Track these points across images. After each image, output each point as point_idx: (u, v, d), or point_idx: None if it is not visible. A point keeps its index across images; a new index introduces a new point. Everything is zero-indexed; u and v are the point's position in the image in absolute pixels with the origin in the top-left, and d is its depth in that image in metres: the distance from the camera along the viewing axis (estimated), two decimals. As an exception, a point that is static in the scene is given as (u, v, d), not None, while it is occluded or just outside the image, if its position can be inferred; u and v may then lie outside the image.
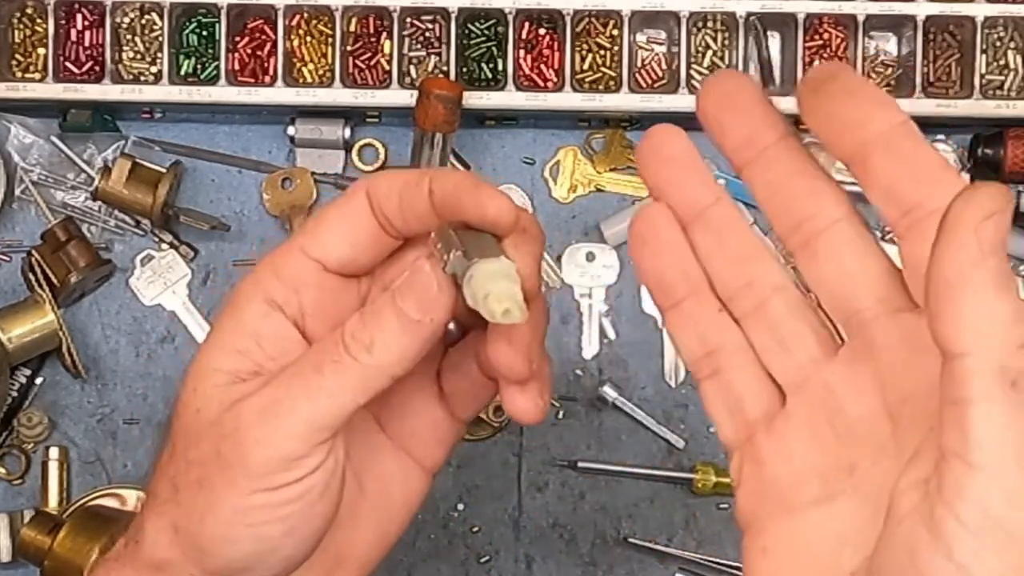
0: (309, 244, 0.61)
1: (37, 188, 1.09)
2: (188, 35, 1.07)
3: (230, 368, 0.60)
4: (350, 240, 0.61)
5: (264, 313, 0.60)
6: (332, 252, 0.61)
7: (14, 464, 1.09)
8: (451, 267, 0.57)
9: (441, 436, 0.66)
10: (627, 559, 1.09)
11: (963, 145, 1.10)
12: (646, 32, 1.08)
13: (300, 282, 0.60)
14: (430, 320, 0.58)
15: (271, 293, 0.60)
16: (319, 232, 0.61)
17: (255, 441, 0.58)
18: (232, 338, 0.60)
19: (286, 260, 0.61)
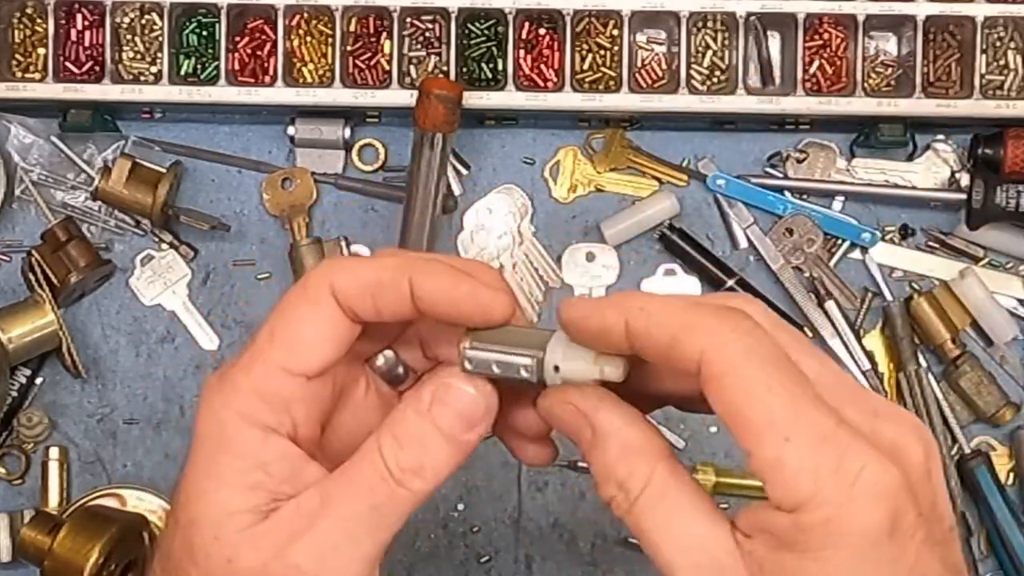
0: (289, 360, 0.58)
1: (37, 188, 1.09)
2: (188, 35, 1.07)
3: (248, 507, 0.57)
4: (329, 345, 0.58)
5: (261, 440, 0.58)
6: (315, 361, 0.58)
7: (14, 464, 1.09)
8: (500, 369, 0.57)
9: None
10: (627, 559, 1.09)
11: (963, 145, 1.10)
12: (646, 32, 1.08)
13: (289, 400, 0.58)
14: (478, 436, 0.58)
15: (263, 420, 0.58)
16: (295, 346, 0.58)
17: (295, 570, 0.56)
18: (238, 476, 0.57)
19: (269, 383, 0.58)
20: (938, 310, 1.08)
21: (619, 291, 1.10)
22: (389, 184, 1.10)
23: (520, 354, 0.57)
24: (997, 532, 1.07)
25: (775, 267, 1.09)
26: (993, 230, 1.08)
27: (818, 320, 1.09)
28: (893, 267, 1.11)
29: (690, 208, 1.10)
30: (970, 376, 1.08)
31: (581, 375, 0.57)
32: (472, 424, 0.58)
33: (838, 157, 1.10)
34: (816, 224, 1.09)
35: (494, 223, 1.10)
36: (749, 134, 1.10)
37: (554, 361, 0.57)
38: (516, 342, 0.58)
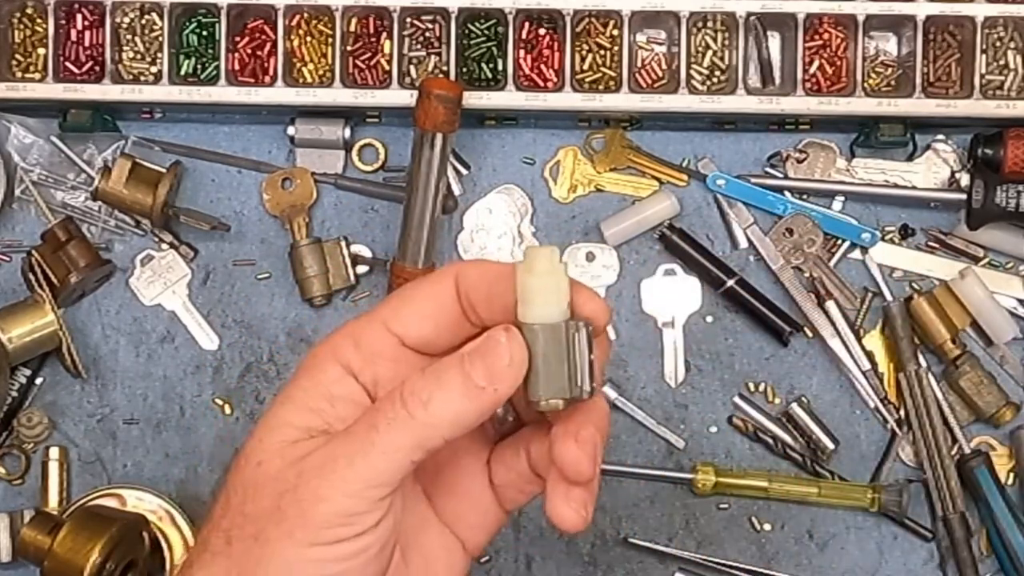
0: (392, 319, 0.62)
1: (37, 188, 1.09)
2: (188, 35, 1.07)
3: (301, 424, 0.61)
4: (433, 321, 0.62)
5: (339, 377, 0.62)
6: (413, 330, 0.62)
7: (14, 464, 1.09)
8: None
9: (486, 522, 0.67)
10: (627, 559, 1.09)
11: (963, 145, 1.10)
12: (646, 32, 1.08)
13: (378, 354, 0.62)
14: (494, 390, 0.59)
15: (348, 360, 0.62)
16: (403, 309, 0.62)
17: (315, 497, 0.58)
18: (306, 396, 0.61)
19: (367, 331, 0.62)
20: (938, 310, 1.08)
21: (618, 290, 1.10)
22: (389, 184, 1.10)
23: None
24: (997, 532, 1.07)
25: (775, 267, 1.09)
26: (993, 230, 1.08)
27: (818, 320, 1.09)
28: (893, 267, 1.11)
29: (690, 208, 1.10)
30: (970, 376, 1.08)
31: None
32: (491, 375, 0.59)
33: (838, 157, 1.10)
34: (816, 224, 1.09)
35: (494, 223, 1.10)
36: (749, 134, 1.10)
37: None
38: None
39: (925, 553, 1.10)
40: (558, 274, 0.59)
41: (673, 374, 1.10)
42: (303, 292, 1.08)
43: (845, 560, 1.10)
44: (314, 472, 0.59)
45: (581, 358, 0.59)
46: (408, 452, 0.58)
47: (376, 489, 0.58)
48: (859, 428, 1.10)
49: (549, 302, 0.59)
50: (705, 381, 1.10)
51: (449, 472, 0.66)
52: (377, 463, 0.58)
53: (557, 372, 0.59)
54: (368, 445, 0.59)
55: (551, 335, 0.59)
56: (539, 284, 0.59)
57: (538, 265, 0.59)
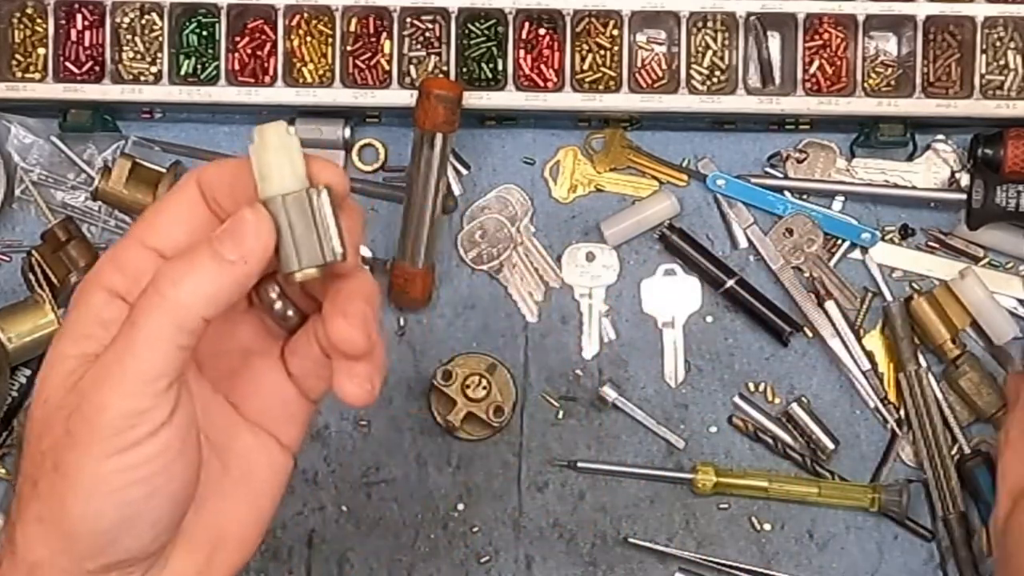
0: (146, 234, 0.63)
1: (37, 188, 1.09)
2: (188, 35, 1.07)
3: (77, 352, 0.61)
4: (184, 226, 0.63)
5: (107, 301, 0.62)
6: (168, 239, 0.63)
7: (14, 464, 1.09)
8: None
9: (293, 413, 0.68)
10: (627, 559, 1.09)
11: (963, 145, 1.10)
12: (646, 32, 1.08)
13: (139, 271, 0.62)
14: (244, 262, 0.60)
15: (112, 284, 0.62)
16: (155, 222, 0.63)
17: (96, 407, 0.59)
18: (78, 326, 0.62)
19: (125, 251, 0.63)
20: (938, 310, 1.08)
21: (619, 290, 1.10)
22: (389, 184, 1.10)
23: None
24: (997, 532, 1.07)
25: (775, 267, 1.09)
26: (993, 230, 1.08)
27: (818, 320, 1.09)
28: (893, 267, 1.11)
29: (690, 208, 1.10)
30: (970, 376, 1.08)
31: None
32: (239, 248, 0.59)
33: (838, 157, 1.10)
34: (816, 224, 1.09)
35: (494, 223, 1.10)
36: (749, 134, 1.10)
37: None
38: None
39: (925, 553, 1.10)
40: (290, 147, 0.61)
41: (673, 374, 1.10)
42: (303, 292, 1.08)
43: (845, 560, 1.10)
44: (91, 386, 0.59)
45: (326, 222, 0.60)
46: (171, 337, 0.59)
47: (152, 383, 0.59)
48: (859, 428, 1.10)
49: (284, 174, 0.60)
50: (705, 381, 1.10)
51: (244, 375, 0.67)
52: (144, 355, 0.59)
53: (306, 240, 0.60)
54: (131, 342, 0.59)
55: (293, 204, 0.60)
56: (272, 158, 0.61)
57: (268, 140, 0.61)
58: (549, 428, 1.10)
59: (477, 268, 1.10)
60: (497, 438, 1.09)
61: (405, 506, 1.10)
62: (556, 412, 1.10)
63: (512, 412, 1.09)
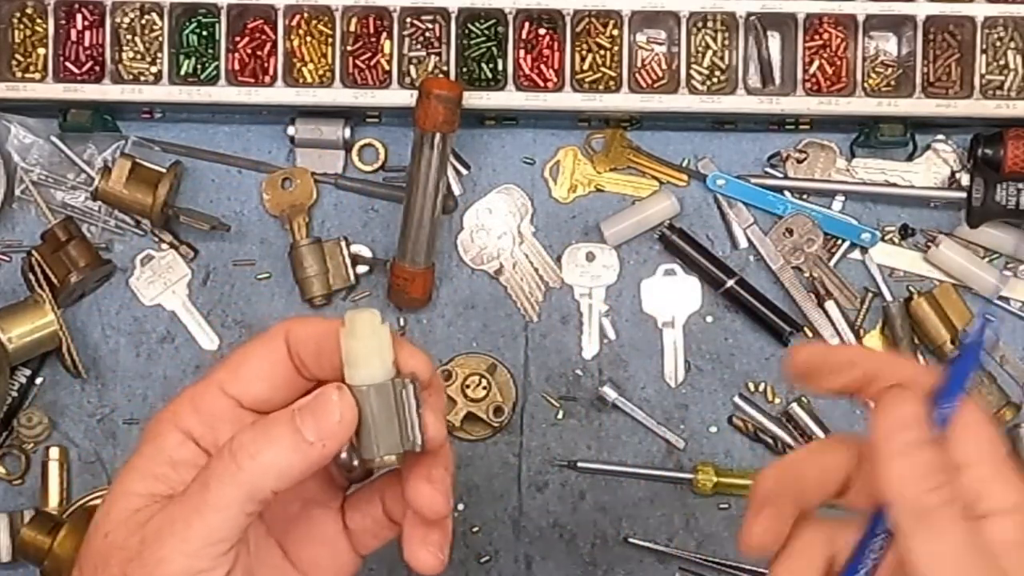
0: (228, 382, 0.63)
1: (37, 188, 1.09)
2: (188, 35, 1.07)
3: (144, 491, 0.61)
4: (267, 381, 0.63)
5: (180, 442, 0.62)
6: (249, 390, 0.63)
7: (14, 464, 1.09)
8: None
9: (342, 567, 0.68)
10: (627, 559, 1.09)
11: (963, 145, 1.10)
12: (646, 32, 1.08)
13: (216, 417, 0.63)
14: (322, 445, 0.60)
15: (188, 426, 0.63)
16: (238, 371, 0.63)
17: (157, 560, 0.59)
18: (149, 464, 0.63)
19: (204, 395, 0.63)
20: (938, 310, 1.08)
21: (619, 290, 1.10)
22: (389, 184, 1.10)
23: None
24: (997, 532, 1.07)
25: (775, 267, 1.09)
26: (993, 230, 1.08)
27: (818, 320, 1.09)
28: (893, 267, 1.11)
29: (690, 208, 1.10)
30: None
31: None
32: (321, 432, 0.60)
33: (838, 157, 1.10)
34: (816, 224, 1.09)
35: (494, 223, 1.10)
36: (749, 134, 1.10)
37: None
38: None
39: (925, 553, 1.10)
40: (380, 336, 0.61)
41: (673, 374, 1.10)
42: (303, 292, 1.08)
43: (845, 560, 1.10)
44: (154, 536, 0.59)
45: (410, 413, 0.61)
46: (240, 505, 0.59)
47: (215, 546, 0.59)
48: (859, 428, 1.10)
49: (372, 364, 0.61)
50: (705, 381, 1.10)
51: (301, 522, 0.67)
52: (211, 520, 0.59)
53: (387, 430, 0.61)
54: (201, 503, 0.59)
55: (378, 395, 0.61)
56: (361, 347, 0.61)
57: (359, 329, 0.61)
58: (549, 428, 1.10)
59: (477, 268, 1.10)
60: (497, 438, 1.09)
61: (405, 506, 1.10)
62: (556, 412, 1.10)
63: (512, 412, 1.09)
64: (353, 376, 0.61)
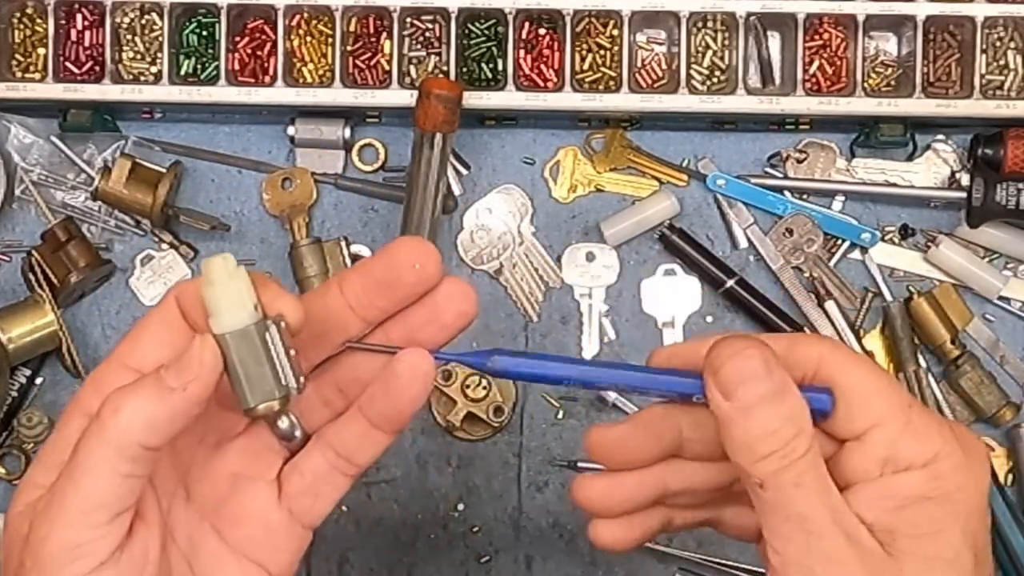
0: (127, 355, 0.61)
1: (37, 188, 1.09)
2: (188, 35, 1.07)
3: (47, 482, 0.59)
4: (166, 346, 0.60)
5: (82, 427, 0.59)
6: (148, 359, 0.60)
7: (14, 464, 1.09)
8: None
9: (282, 541, 0.64)
10: (627, 559, 1.09)
11: (963, 145, 1.10)
12: (646, 32, 1.08)
13: None
14: (183, 389, 0.57)
15: (91, 406, 0.60)
16: (136, 343, 0.61)
17: (40, 539, 0.57)
18: (52, 454, 0.60)
19: (106, 374, 0.61)
20: (938, 310, 1.08)
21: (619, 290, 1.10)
22: (389, 184, 1.10)
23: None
24: (997, 532, 1.07)
25: (775, 267, 1.09)
26: (993, 230, 1.08)
27: (818, 320, 1.09)
28: (893, 267, 1.11)
29: (690, 208, 1.10)
30: (970, 376, 1.08)
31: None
32: (181, 376, 0.58)
33: (838, 157, 1.10)
34: (816, 224, 1.09)
35: (494, 223, 1.10)
36: (749, 134, 1.10)
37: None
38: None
39: (925, 553, 1.10)
40: (236, 280, 0.59)
41: (673, 374, 1.10)
42: (303, 292, 1.08)
43: (845, 560, 1.09)
44: (40, 516, 0.58)
45: (279, 356, 0.59)
46: (111, 464, 0.57)
47: (93, 513, 0.57)
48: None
49: (231, 310, 0.59)
50: (705, 381, 1.10)
51: (231, 501, 0.64)
52: (84, 484, 0.57)
53: (259, 376, 0.59)
54: (71, 469, 0.57)
55: (243, 340, 0.59)
56: (218, 293, 0.59)
57: (214, 275, 0.59)
58: (549, 428, 1.10)
59: (477, 268, 1.10)
60: (497, 438, 1.09)
61: (405, 506, 1.10)
62: (556, 412, 1.10)
63: (512, 412, 1.09)
64: (214, 324, 0.59)
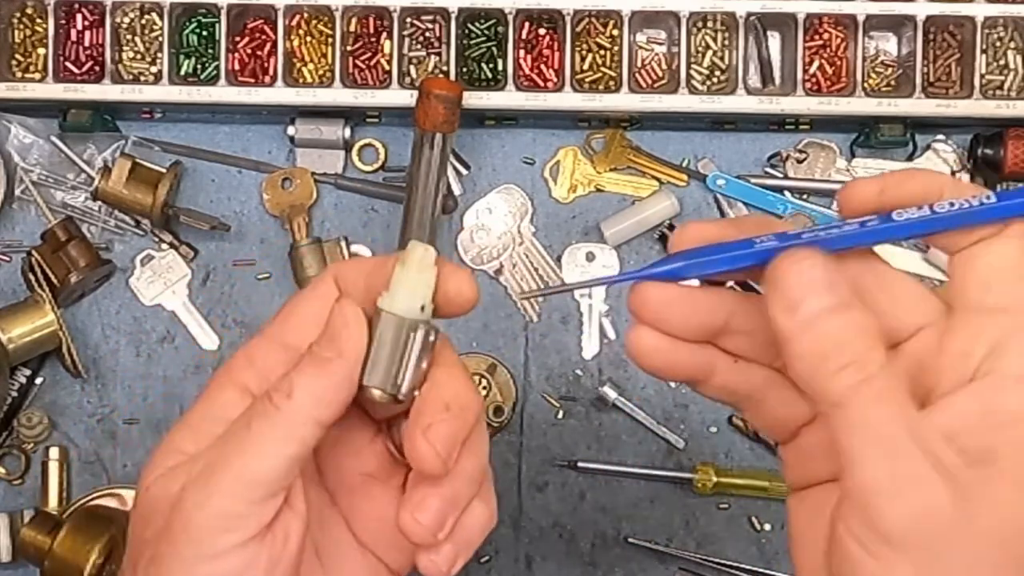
0: (280, 331, 0.61)
1: (37, 188, 1.09)
2: (188, 35, 1.07)
3: (193, 449, 0.59)
4: (321, 325, 0.60)
5: (236, 399, 0.60)
6: (302, 336, 0.60)
7: (14, 464, 1.09)
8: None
9: (404, 543, 0.63)
10: (627, 559, 1.09)
11: (963, 145, 1.10)
12: (646, 32, 1.08)
13: (271, 369, 0.60)
14: (339, 355, 0.58)
15: (244, 381, 0.61)
16: (289, 320, 0.61)
17: (194, 504, 0.57)
18: (201, 421, 0.60)
19: (258, 348, 0.61)
20: (938, 310, 1.08)
21: (619, 290, 1.10)
22: (389, 184, 1.10)
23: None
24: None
25: (775, 267, 1.09)
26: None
27: (818, 320, 1.08)
28: (893, 267, 1.11)
29: (690, 208, 1.10)
30: (970, 376, 1.08)
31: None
32: (332, 339, 0.58)
33: (838, 157, 1.10)
34: (816, 224, 1.09)
35: (494, 223, 1.10)
36: (749, 134, 1.10)
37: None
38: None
39: (925, 553, 1.10)
40: (423, 272, 0.60)
41: (673, 374, 1.10)
42: (303, 292, 1.08)
43: (845, 560, 1.10)
44: (196, 483, 0.58)
45: (408, 358, 0.59)
46: (284, 444, 0.57)
47: (253, 489, 0.57)
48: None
49: (400, 294, 0.59)
50: (705, 381, 1.10)
51: (362, 496, 0.65)
52: (255, 460, 0.57)
53: (385, 363, 0.59)
54: (244, 443, 0.57)
55: (392, 326, 0.59)
56: (400, 275, 0.59)
57: (408, 259, 0.59)
58: (549, 428, 1.10)
59: (477, 268, 1.10)
60: (497, 438, 1.09)
61: (405, 506, 1.10)
62: (556, 412, 1.10)
63: (512, 412, 1.09)
64: (383, 300, 0.59)
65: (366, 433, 0.65)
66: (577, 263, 1.10)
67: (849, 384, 0.53)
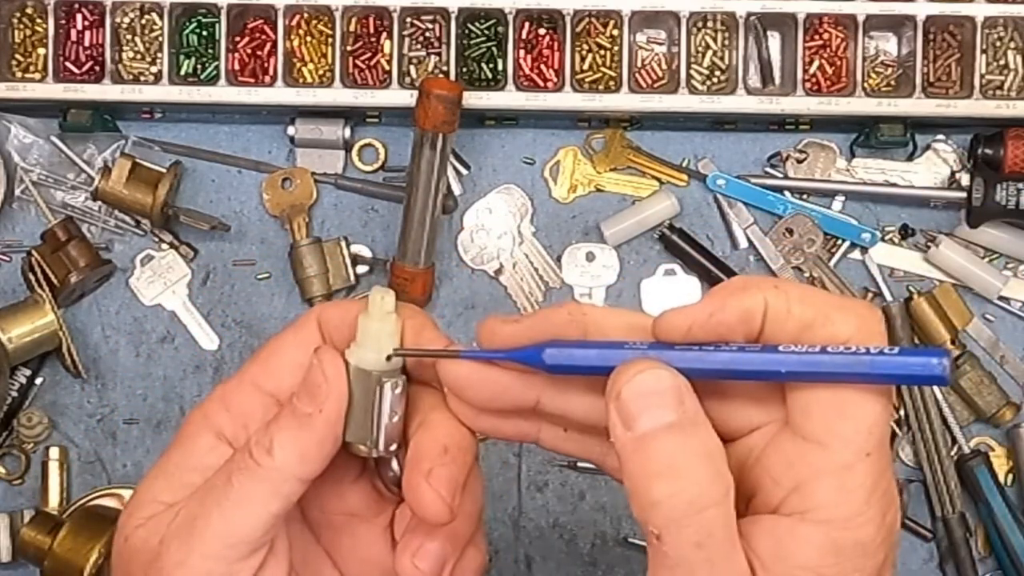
0: (260, 376, 0.59)
1: (37, 188, 1.09)
2: (188, 35, 1.07)
3: (172, 500, 0.58)
4: (302, 372, 0.58)
5: (212, 447, 0.58)
6: (283, 383, 0.59)
7: (14, 464, 1.09)
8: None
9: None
10: (627, 559, 1.09)
11: (963, 145, 1.10)
12: (646, 32, 1.08)
13: (248, 416, 0.59)
14: (319, 411, 0.56)
15: (220, 426, 0.59)
16: (269, 363, 0.59)
17: (175, 564, 0.55)
18: (179, 471, 0.59)
19: (236, 393, 0.59)
20: (938, 310, 1.08)
21: (619, 290, 1.10)
22: (389, 184, 1.10)
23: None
24: (997, 532, 1.07)
25: (775, 267, 1.09)
26: (993, 230, 1.08)
27: (818, 320, 1.08)
28: (893, 267, 1.11)
29: (690, 208, 1.10)
30: (970, 376, 1.08)
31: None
32: (311, 394, 0.56)
33: (838, 157, 1.10)
34: (816, 224, 1.09)
35: (494, 223, 1.10)
36: (749, 134, 1.10)
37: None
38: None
39: (925, 553, 1.10)
40: (384, 322, 0.57)
41: (673, 374, 1.10)
42: (303, 292, 1.08)
43: (845, 560, 1.10)
44: (174, 537, 0.56)
45: (380, 414, 0.57)
46: (266, 501, 0.56)
47: (235, 548, 0.55)
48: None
49: (366, 346, 0.57)
50: (705, 381, 1.10)
51: (346, 536, 0.63)
52: (233, 518, 0.55)
53: (361, 418, 0.57)
54: (224, 500, 0.55)
55: (361, 379, 0.57)
56: (365, 326, 0.57)
57: (371, 307, 0.57)
58: (549, 428, 1.10)
59: (477, 268, 1.10)
60: (497, 438, 1.09)
61: (405, 506, 1.10)
62: (556, 412, 1.10)
63: (512, 412, 1.09)
64: (349, 351, 0.57)
65: (350, 473, 0.63)
66: (577, 263, 1.10)
67: (672, 518, 0.50)
